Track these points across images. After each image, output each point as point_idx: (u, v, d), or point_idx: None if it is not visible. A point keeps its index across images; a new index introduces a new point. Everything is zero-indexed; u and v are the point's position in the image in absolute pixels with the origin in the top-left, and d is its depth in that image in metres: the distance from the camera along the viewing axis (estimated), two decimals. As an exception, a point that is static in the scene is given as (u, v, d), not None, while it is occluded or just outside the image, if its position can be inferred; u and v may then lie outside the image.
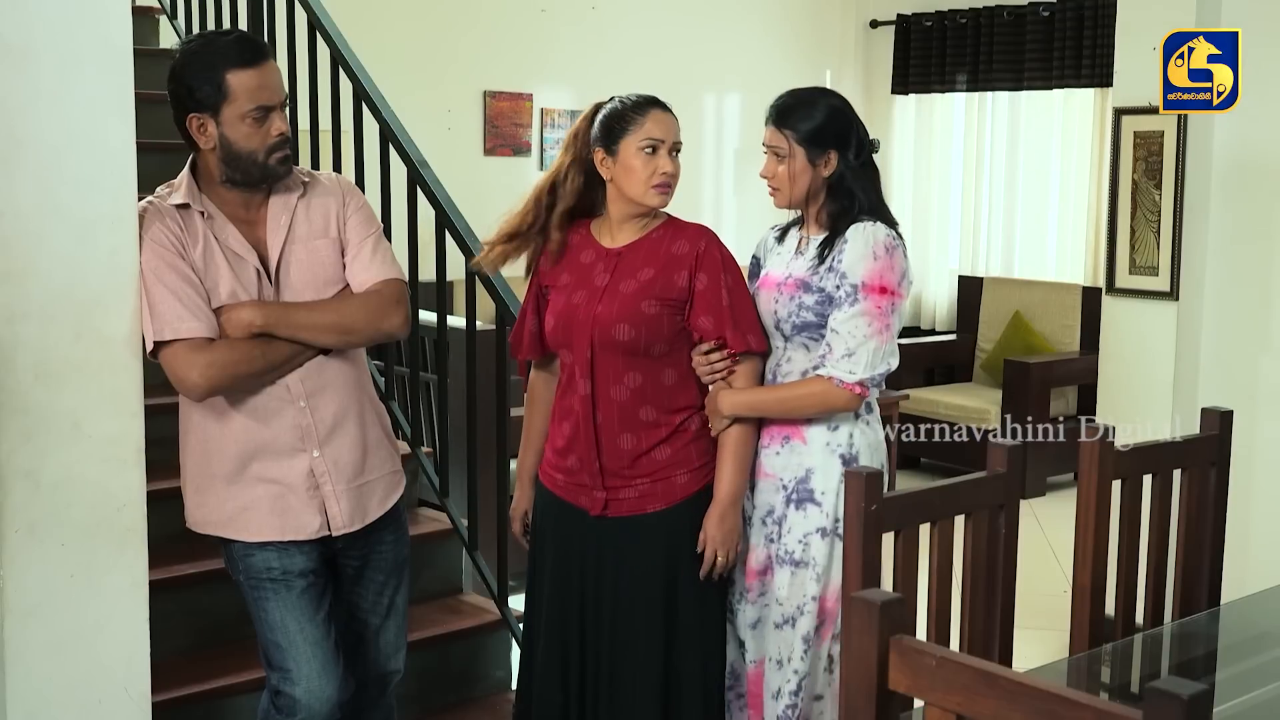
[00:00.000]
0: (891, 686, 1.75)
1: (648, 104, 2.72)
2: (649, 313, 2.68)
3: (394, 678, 2.88)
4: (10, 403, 2.31)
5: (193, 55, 2.57)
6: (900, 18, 8.37)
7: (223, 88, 2.51)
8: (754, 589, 2.78)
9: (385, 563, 2.79)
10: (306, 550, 2.64)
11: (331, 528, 2.64)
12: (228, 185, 2.59)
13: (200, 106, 2.53)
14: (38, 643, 2.37)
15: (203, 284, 2.53)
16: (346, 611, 2.79)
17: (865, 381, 2.65)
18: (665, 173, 2.68)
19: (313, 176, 2.72)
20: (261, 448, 2.59)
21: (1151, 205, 4.39)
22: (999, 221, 8.07)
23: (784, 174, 2.73)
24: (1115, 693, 2.56)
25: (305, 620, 2.62)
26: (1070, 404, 7.15)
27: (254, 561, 2.62)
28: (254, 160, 2.55)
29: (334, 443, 2.64)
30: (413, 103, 4.85)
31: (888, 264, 2.65)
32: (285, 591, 2.62)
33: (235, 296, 2.56)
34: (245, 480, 2.60)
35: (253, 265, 2.59)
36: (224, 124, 2.53)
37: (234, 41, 2.58)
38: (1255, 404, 4.25)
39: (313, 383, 2.62)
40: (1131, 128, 4.42)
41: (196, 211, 2.57)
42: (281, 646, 2.62)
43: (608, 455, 2.72)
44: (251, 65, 2.53)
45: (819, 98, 2.78)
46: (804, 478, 2.71)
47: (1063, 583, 4.95)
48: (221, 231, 2.58)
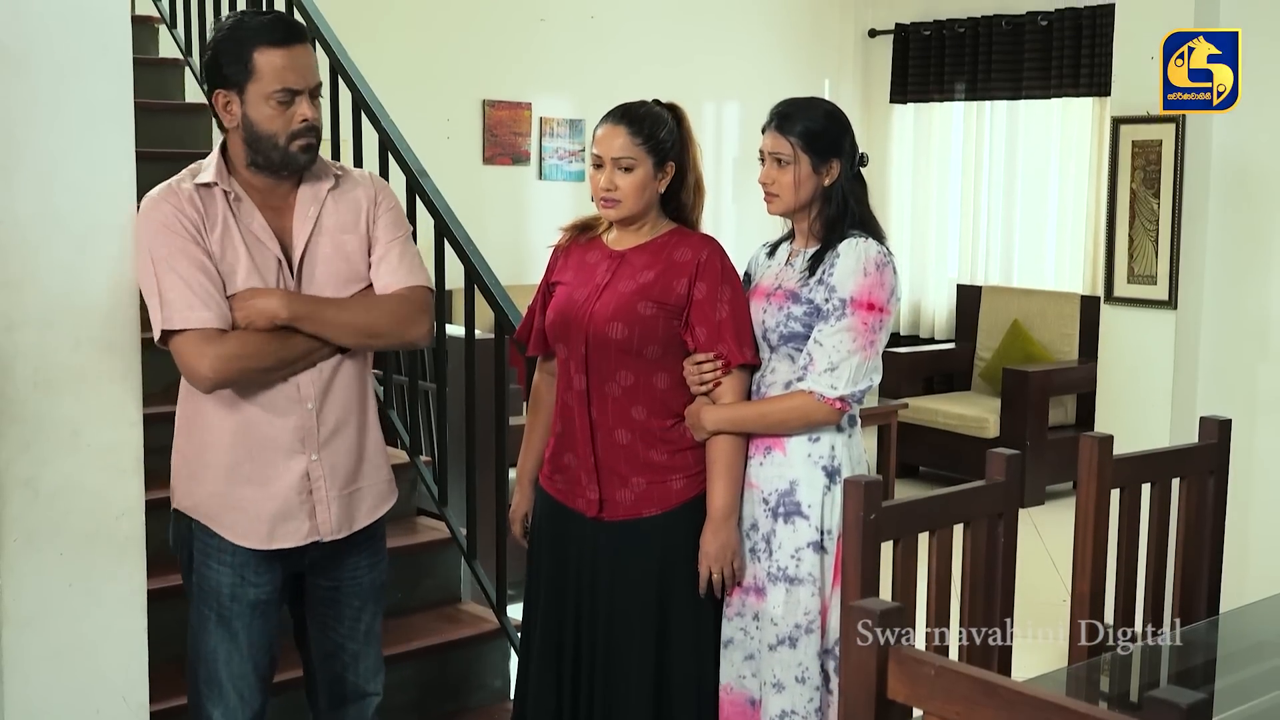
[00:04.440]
0: (890, 696, 1.75)
1: (603, 119, 2.76)
2: (644, 314, 2.69)
3: (374, 700, 2.79)
4: (9, 411, 2.31)
5: (226, 30, 2.50)
6: (899, 27, 8.38)
7: (249, 65, 2.44)
8: (733, 605, 2.76)
9: (361, 588, 2.70)
10: (275, 569, 2.57)
11: (320, 533, 2.58)
12: (254, 169, 2.51)
13: (226, 83, 2.47)
14: (36, 652, 2.37)
15: (218, 270, 2.45)
16: (320, 634, 2.71)
17: (847, 397, 2.64)
18: (603, 188, 2.72)
19: (345, 170, 2.67)
20: (261, 446, 2.52)
21: (1150, 214, 4.39)
22: (998, 230, 8.08)
23: (787, 181, 2.72)
24: (1114, 702, 2.55)
25: (236, 657, 2.55)
26: (1069, 413, 7.16)
27: (209, 576, 2.54)
28: (274, 144, 2.47)
29: (332, 446, 2.57)
30: (412, 112, 4.85)
31: (878, 280, 2.65)
32: (232, 620, 2.54)
33: (250, 284, 2.47)
34: (237, 478, 2.52)
35: (274, 254, 2.51)
36: (248, 103, 2.46)
37: (267, 20, 2.52)
38: (1254, 412, 4.25)
39: (322, 384, 2.55)
40: (1130, 137, 4.42)
41: (221, 191, 2.49)
42: (210, 669, 2.55)
43: (603, 451, 2.72)
44: (281, 45, 2.45)
45: (818, 104, 2.79)
46: (788, 490, 2.70)
47: (1062, 591, 4.94)
48: (247, 215, 2.50)
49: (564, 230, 2.90)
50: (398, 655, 3.44)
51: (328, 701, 2.78)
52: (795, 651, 2.67)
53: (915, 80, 8.31)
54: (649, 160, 2.71)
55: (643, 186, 2.71)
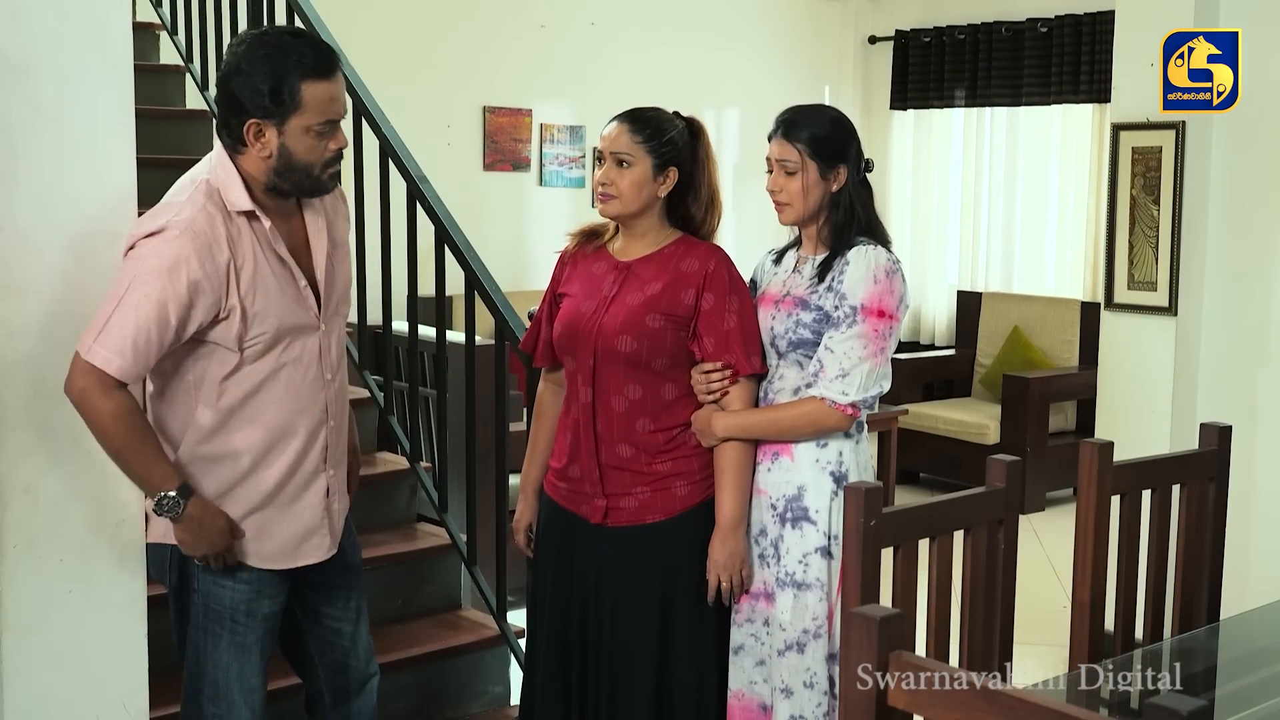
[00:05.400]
0: (891, 702, 1.75)
1: (611, 118, 2.77)
2: (653, 327, 2.69)
3: (375, 679, 2.82)
4: (9, 418, 2.32)
5: (262, 56, 2.36)
6: (899, 33, 8.39)
7: (296, 98, 2.35)
8: (743, 611, 2.77)
9: (349, 568, 2.74)
10: (284, 579, 2.58)
11: (335, 543, 2.63)
12: (272, 193, 2.45)
13: (265, 114, 2.36)
14: (36, 658, 2.37)
15: (248, 304, 2.38)
16: (315, 624, 2.72)
17: (858, 403, 2.64)
18: (599, 181, 2.74)
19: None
20: (293, 472, 2.53)
21: (1150, 220, 4.39)
22: (998, 236, 8.09)
23: (795, 188, 2.72)
24: (1115, 708, 2.55)
25: (249, 670, 2.55)
26: (1069, 419, 7.16)
27: (219, 595, 2.50)
28: (309, 173, 2.42)
29: (342, 460, 2.64)
30: (412, 118, 4.86)
31: (887, 288, 2.66)
32: (246, 635, 2.53)
33: (285, 312, 2.44)
34: (272, 505, 2.52)
35: (302, 279, 2.49)
36: (287, 134, 2.37)
37: (309, 47, 2.41)
38: (1254, 419, 4.25)
39: (340, 402, 2.61)
40: (1130, 143, 4.43)
41: (257, 219, 2.42)
42: (219, 686, 2.53)
43: (608, 464, 2.73)
44: (327, 76, 2.39)
45: (824, 111, 2.80)
46: (796, 496, 2.70)
47: (1062, 598, 4.94)
48: (274, 242, 2.45)
49: (571, 236, 2.90)
50: (398, 662, 3.44)
51: (333, 698, 2.77)
52: (803, 657, 2.67)
53: (915, 87, 8.32)
54: (648, 160, 2.71)
55: (639, 185, 2.71)
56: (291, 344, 2.49)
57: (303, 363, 2.51)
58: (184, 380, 2.45)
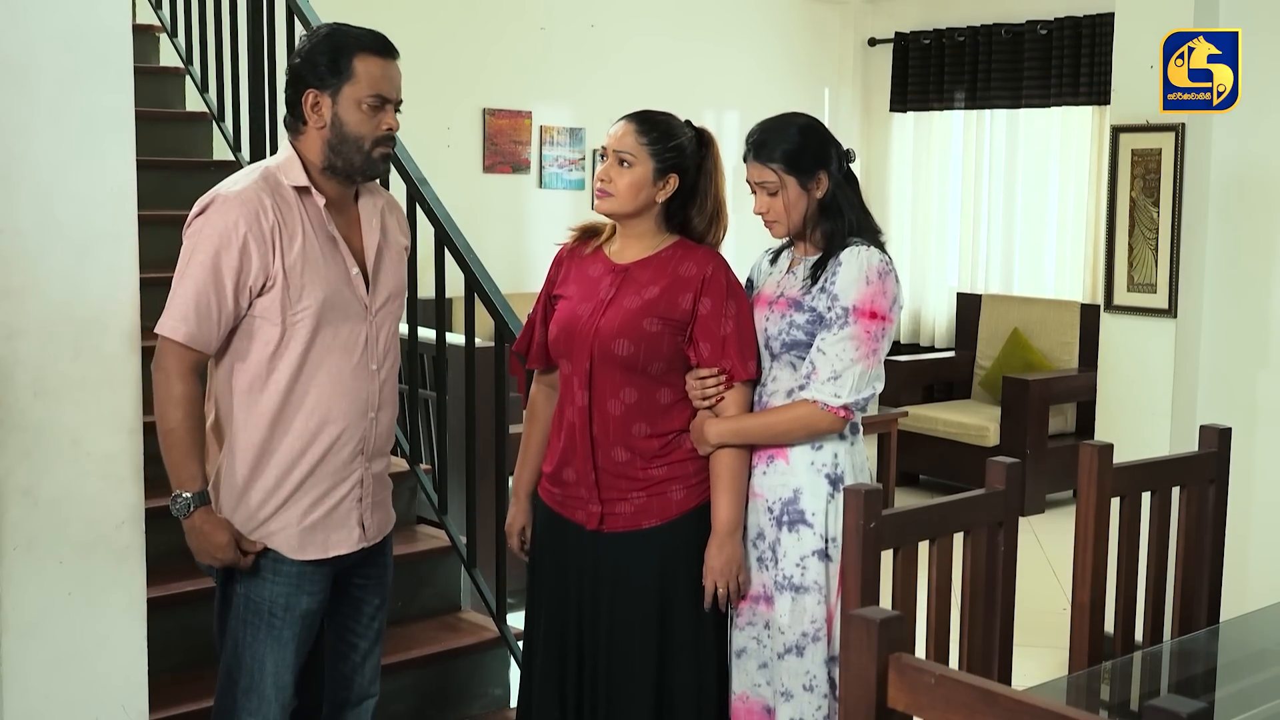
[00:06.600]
0: (890, 705, 1.75)
1: (621, 117, 2.78)
2: (650, 330, 2.69)
3: (373, 701, 2.83)
4: (9, 420, 2.32)
5: (324, 35, 2.58)
6: (898, 36, 8.40)
7: (349, 68, 2.52)
8: (744, 614, 2.77)
9: (383, 587, 2.80)
10: (327, 576, 2.62)
11: (367, 538, 2.67)
12: (328, 173, 2.57)
13: (321, 83, 2.53)
14: (35, 661, 2.37)
15: (293, 276, 2.49)
16: (336, 636, 2.76)
17: (851, 405, 2.64)
18: (598, 177, 2.75)
19: (378, 188, 2.76)
20: (332, 460, 2.58)
21: (1149, 223, 4.39)
22: (998, 238, 8.10)
23: (780, 207, 2.72)
24: (1115, 711, 2.55)
25: (283, 666, 2.58)
26: (1069, 421, 7.16)
27: (260, 589, 2.57)
28: (359, 148, 2.54)
29: (381, 454, 2.69)
30: (412, 120, 4.79)
31: (880, 289, 2.65)
32: (283, 630, 2.57)
33: (330, 291, 2.53)
34: (299, 492, 2.56)
35: (351, 261, 2.58)
36: (340, 104, 2.52)
37: (368, 31, 2.61)
38: (1254, 421, 4.25)
39: (385, 394, 2.66)
40: (1129, 145, 4.43)
41: (310, 195, 2.54)
42: (254, 679, 2.57)
43: (603, 468, 2.72)
44: (381, 55, 2.56)
45: (790, 121, 2.76)
46: (792, 499, 2.69)
47: (1062, 600, 4.94)
48: (326, 222, 2.56)
49: (571, 230, 2.90)
50: (397, 664, 3.44)
51: (330, 709, 2.79)
52: (802, 660, 2.67)
53: (915, 89, 8.32)
54: (650, 163, 2.71)
55: (637, 186, 2.71)
56: (340, 329, 2.56)
57: (350, 349, 2.58)
58: (235, 363, 2.54)
